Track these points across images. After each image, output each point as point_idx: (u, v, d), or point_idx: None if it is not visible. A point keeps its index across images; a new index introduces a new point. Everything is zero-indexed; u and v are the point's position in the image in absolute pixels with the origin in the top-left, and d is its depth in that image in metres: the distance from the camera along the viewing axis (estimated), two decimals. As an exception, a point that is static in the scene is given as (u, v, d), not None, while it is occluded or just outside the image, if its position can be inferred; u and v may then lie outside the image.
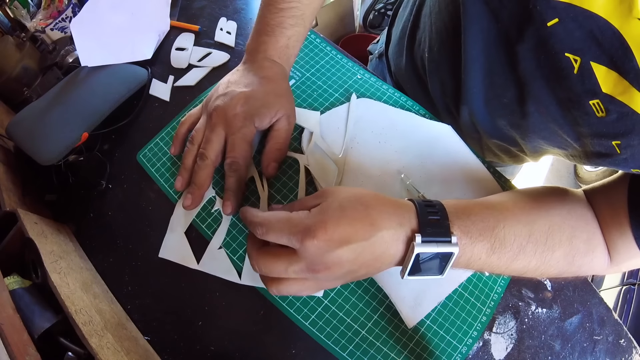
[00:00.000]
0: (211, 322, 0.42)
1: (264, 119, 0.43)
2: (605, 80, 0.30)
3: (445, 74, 0.50)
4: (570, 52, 0.31)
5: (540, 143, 0.45)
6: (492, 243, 0.34)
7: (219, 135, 0.43)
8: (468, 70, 0.43)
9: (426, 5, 0.53)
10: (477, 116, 0.48)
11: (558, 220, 0.37)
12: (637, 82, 0.28)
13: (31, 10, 0.62)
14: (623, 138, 0.31)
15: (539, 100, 0.37)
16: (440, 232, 0.32)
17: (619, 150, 0.33)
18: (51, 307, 0.36)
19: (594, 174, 1.60)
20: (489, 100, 0.45)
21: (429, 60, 0.52)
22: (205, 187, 0.44)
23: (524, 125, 0.42)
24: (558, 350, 0.42)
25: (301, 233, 0.30)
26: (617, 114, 0.30)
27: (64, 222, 0.48)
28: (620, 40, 0.28)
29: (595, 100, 0.31)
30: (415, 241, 0.31)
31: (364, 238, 0.31)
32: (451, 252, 0.32)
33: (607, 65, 0.29)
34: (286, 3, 0.46)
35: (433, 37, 0.50)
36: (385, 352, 0.40)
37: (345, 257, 0.31)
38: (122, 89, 0.52)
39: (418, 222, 0.32)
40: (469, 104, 0.47)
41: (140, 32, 0.58)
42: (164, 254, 0.44)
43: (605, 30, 0.28)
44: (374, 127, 0.50)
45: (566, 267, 0.37)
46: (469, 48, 0.41)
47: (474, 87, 0.44)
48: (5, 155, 0.49)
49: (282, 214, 0.33)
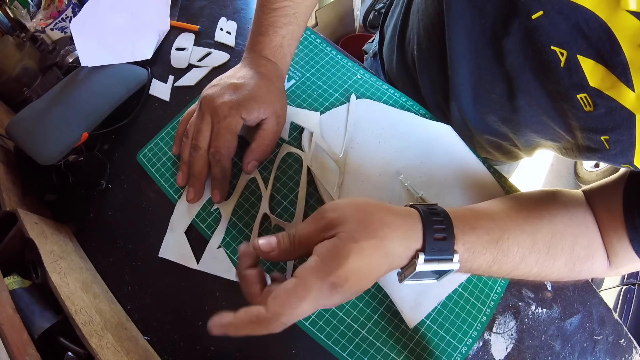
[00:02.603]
0: (211, 322, 0.42)
1: (252, 112, 0.43)
2: (593, 74, 0.29)
3: (434, 71, 0.50)
4: (556, 45, 0.30)
5: (533, 136, 0.44)
6: (494, 255, 0.34)
7: (207, 124, 0.43)
8: (455, 66, 0.43)
9: (414, 3, 0.53)
10: (466, 113, 0.48)
11: (561, 227, 0.37)
12: (624, 76, 0.28)
13: (31, 10, 0.62)
14: (611, 133, 0.31)
15: (528, 94, 0.37)
16: (444, 251, 0.31)
17: (608, 146, 0.32)
18: (51, 307, 0.36)
19: (594, 174, 1.60)
20: (477, 96, 0.45)
21: (418, 58, 0.52)
22: (203, 177, 0.44)
23: (515, 119, 0.42)
24: (558, 350, 0.42)
25: (328, 289, 0.29)
26: (606, 109, 0.30)
27: (64, 222, 0.48)
28: (607, 33, 0.27)
29: (583, 94, 0.31)
30: (418, 260, 0.31)
31: (381, 269, 0.31)
32: (451, 270, 0.32)
33: (594, 58, 0.29)
34: (279, 3, 0.46)
35: (421, 34, 0.50)
36: (385, 352, 0.40)
37: (361, 287, 0.31)
38: (122, 89, 0.52)
39: (423, 240, 0.31)
40: (458, 100, 0.47)
41: (140, 32, 0.58)
42: (164, 254, 0.45)
43: (592, 23, 0.28)
44: (373, 128, 0.50)
45: (566, 273, 0.37)
46: (454, 44, 0.41)
47: (462, 83, 0.44)
48: (5, 155, 0.49)
49: (288, 285, 0.29)
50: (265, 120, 0.44)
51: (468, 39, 0.39)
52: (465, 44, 0.40)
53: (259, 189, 0.46)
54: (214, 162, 0.43)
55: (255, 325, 0.30)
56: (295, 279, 0.30)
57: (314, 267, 0.30)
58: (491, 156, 0.59)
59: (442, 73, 0.47)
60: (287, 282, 0.30)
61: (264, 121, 0.44)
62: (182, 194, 0.47)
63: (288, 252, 0.33)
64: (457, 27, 0.39)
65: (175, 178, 0.48)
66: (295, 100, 0.52)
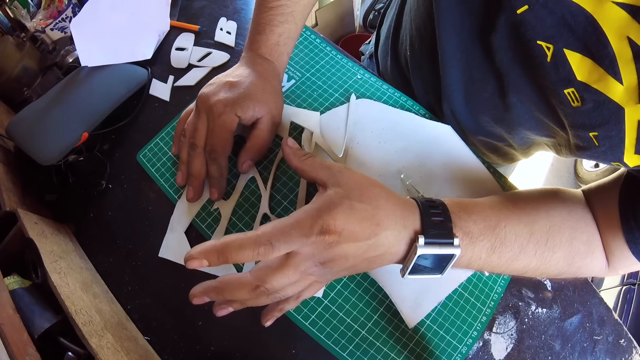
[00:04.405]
0: (211, 322, 0.42)
1: (247, 110, 0.42)
2: (580, 68, 0.29)
3: (426, 71, 0.50)
4: (542, 39, 0.30)
5: (527, 134, 0.44)
6: (492, 242, 0.34)
7: (203, 122, 0.43)
8: (446, 66, 0.43)
9: (407, 3, 0.53)
10: (459, 114, 0.48)
11: (558, 220, 0.37)
12: (612, 68, 0.27)
13: (31, 10, 0.62)
14: (600, 129, 0.31)
15: (519, 90, 0.37)
16: (443, 234, 0.32)
17: (597, 142, 0.32)
18: (51, 307, 0.36)
19: (594, 174, 1.60)
20: (469, 95, 0.44)
21: (410, 59, 0.52)
22: (202, 176, 0.44)
23: (508, 118, 0.42)
24: (558, 350, 0.42)
25: (316, 234, 0.30)
26: (593, 103, 0.30)
27: (64, 222, 0.48)
28: (593, 26, 0.27)
29: (570, 89, 0.30)
30: (418, 243, 0.31)
31: (370, 237, 0.31)
32: (453, 254, 0.32)
33: (581, 52, 0.28)
34: (275, 2, 0.46)
35: (413, 34, 0.50)
36: (385, 352, 0.40)
37: (350, 253, 0.31)
38: (122, 89, 0.52)
39: (421, 223, 0.32)
40: (450, 101, 0.47)
41: (140, 32, 0.58)
42: (164, 254, 0.45)
43: (578, 15, 0.27)
44: (373, 127, 0.50)
45: (565, 267, 0.37)
46: (445, 43, 0.41)
47: (453, 83, 0.44)
48: (5, 155, 0.49)
49: (282, 222, 0.31)
50: (260, 120, 0.44)
51: (458, 37, 0.39)
52: (455, 42, 0.40)
53: (258, 189, 0.46)
54: (210, 160, 0.43)
55: (237, 288, 0.31)
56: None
57: (301, 211, 0.31)
58: (487, 158, 0.59)
59: (434, 73, 0.47)
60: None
61: (259, 120, 0.44)
62: (182, 193, 0.47)
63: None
64: (446, 25, 0.39)
65: (175, 178, 0.48)
66: (295, 100, 0.52)
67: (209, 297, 0.32)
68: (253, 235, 0.30)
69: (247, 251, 0.29)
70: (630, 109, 0.28)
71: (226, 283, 0.32)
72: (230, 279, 0.32)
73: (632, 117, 0.28)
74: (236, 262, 0.30)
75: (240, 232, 0.45)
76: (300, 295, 0.36)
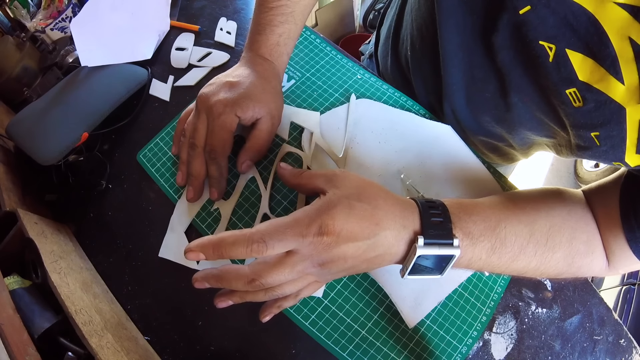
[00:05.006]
0: (211, 322, 0.42)
1: (246, 110, 0.42)
2: (582, 68, 0.29)
3: (427, 71, 0.50)
4: (544, 39, 0.30)
5: (528, 134, 0.44)
6: (492, 243, 0.34)
7: (203, 122, 0.43)
8: (447, 66, 0.43)
9: (408, 3, 0.53)
10: (460, 114, 0.48)
11: (558, 221, 0.37)
12: (613, 68, 0.27)
13: (31, 10, 0.62)
14: (601, 129, 0.31)
15: (521, 90, 0.37)
16: (443, 235, 0.32)
17: (599, 142, 0.32)
18: (51, 307, 0.36)
19: (594, 174, 1.60)
20: (470, 95, 0.44)
21: (411, 59, 0.52)
22: (202, 176, 0.44)
23: (509, 118, 0.42)
24: (558, 350, 0.42)
25: (313, 234, 0.30)
26: (595, 103, 0.30)
27: (64, 222, 0.48)
28: (595, 26, 0.27)
29: (572, 89, 0.30)
30: (417, 243, 0.31)
31: (369, 236, 0.31)
32: (452, 255, 0.32)
33: (582, 52, 0.29)
34: (275, 2, 0.46)
35: (414, 34, 0.50)
36: (385, 352, 0.40)
37: (349, 253, 0.31)
38: (122, 89, 0.52)
39: (421, 224, 0.32)
40: (451, 101, 0.47)
41: (140, 32, 0.58)
42: (164, 254, 0.45)
43: (580, 16, 0.28)
44: (373, 127, 0.50)
45: (566, 267, 0.37)
46: (446, 43, 0.41)
47: (454, 83, 0.44)
48: (5, 155, 0.49)
49: (279, 221, 0.31)
50: (260, 120, 0.44)
51: (459, 37, 0.39)
52: (456, 41, 0.40)
53: (258, 189, 0.46)
54: (210, 160, 0.43)
55: (234, 278, 0.32)
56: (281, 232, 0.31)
57: (300, 211, 0.31)
58: (487, 158, 0.59)
59: (435, 73, 0.47)
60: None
61: (258, 121, 0.44)
62: (182, 193, 0.47)
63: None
64: (448, 25, 0.39)
65: (175, 178, 0.48)
66: (295, 100, 0.52)
67: (209, 283, 0.34)
68: (248, 232, 0.31)
69: (241, 247, 0.30)
70: (632, 108, 0.28)
71: (225, 272, 0.33)
72: (230, 269, 0.33)
73: (634, 116, 0.28)
74: (230, 257, 0.31)
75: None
76: (299, 294, 0.36)
